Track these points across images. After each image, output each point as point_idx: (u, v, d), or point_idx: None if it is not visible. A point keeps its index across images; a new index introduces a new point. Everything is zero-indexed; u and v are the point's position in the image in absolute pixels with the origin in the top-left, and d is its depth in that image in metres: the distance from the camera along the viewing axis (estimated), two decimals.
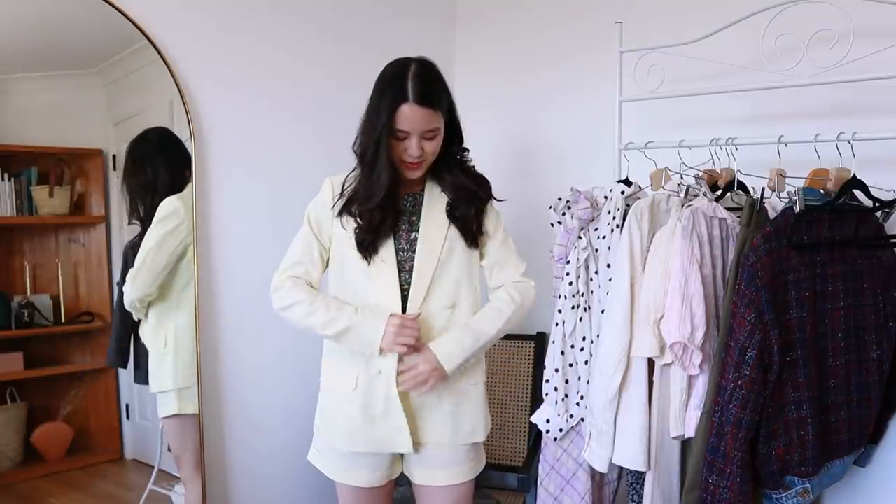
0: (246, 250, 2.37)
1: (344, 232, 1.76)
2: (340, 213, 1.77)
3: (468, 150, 1.85)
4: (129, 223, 2.14)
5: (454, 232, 1.78)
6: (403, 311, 1.75)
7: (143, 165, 2.15)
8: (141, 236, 2.11)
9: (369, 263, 1.75)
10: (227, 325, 2.33)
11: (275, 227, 2.43)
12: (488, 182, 1.85)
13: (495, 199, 1.86)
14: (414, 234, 1.78)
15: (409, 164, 1.72)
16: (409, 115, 1.66)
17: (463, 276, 1.79)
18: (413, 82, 1.65)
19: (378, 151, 1.68)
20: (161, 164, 2.17)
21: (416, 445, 1.77)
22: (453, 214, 1.78)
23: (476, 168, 1.86)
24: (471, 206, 1.79)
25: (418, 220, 1.79)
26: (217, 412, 2.31)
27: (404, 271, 1.76)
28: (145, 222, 2.12)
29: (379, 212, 1.73)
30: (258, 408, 2.41)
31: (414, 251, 1.77)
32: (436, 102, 1.69)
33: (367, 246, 1.74)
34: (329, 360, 1.84)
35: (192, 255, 2.19)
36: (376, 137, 1.68)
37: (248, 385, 2.39)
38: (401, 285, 1.75)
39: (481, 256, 1.84)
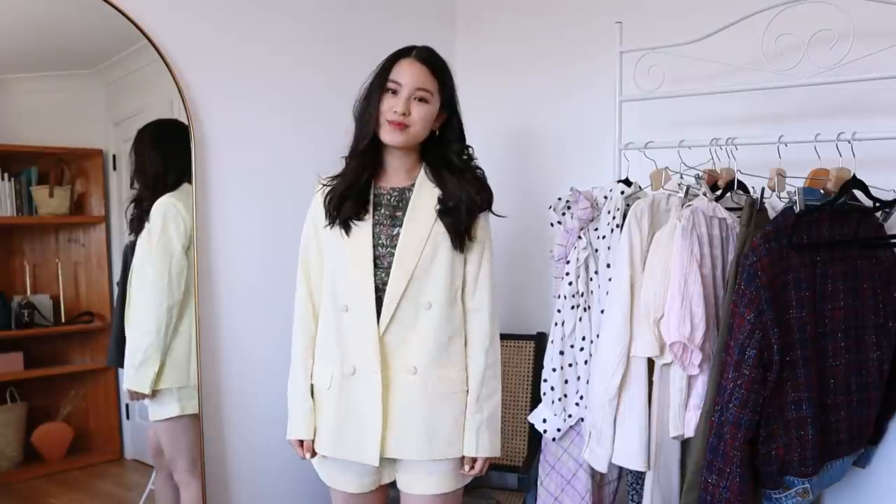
0: (246, 249, 2.37)
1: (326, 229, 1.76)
2: (327, 197, 1.75)
3: (471, 148, 1.80)
4: (132, 187, 2.13)
5: (440, 228, 1.70)
6: (378, 310, 1.68)
7: (166, 147, 2.18)
8: (139, 217, 2.12)
9: (332, 227, 1.72)
10: (227, 325, 2.33)
11: (274, 226, 2.44)
12: (490, 192, 1.77)
13: (493, 213, 1.78)
14: (397, 229, 1.71)
15: (392, 123, 1.67)
16: (406, 68, 1.69)
17: (443, 277, 1.71)
18: (417, 48, 1.73)
19: (369, 102, 1.71)
20: (179, 153, 2.20)
21: (386, 456, 1.71)
22: (444, 211, 1.71)
23: (483, 172, 1.80)
24: (462, 209, 1.71)
25: (404, 215, 1.73)
26: (216, 412, 2.31)
27: (381, 268, 1.70)
28: (149, 199, 2.13)
29: (357, 162, 1.73)
30: (258, 407, 2.41)
31: (394, 247, 1.70)
32: (436, 67, 1.71)
33: (335, 207, 1.71)
34: (316, 357, 1.80)
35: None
36: (369, 89, 1.71)
37: (247, 385, 2.38)
38: (376, 284, 1.69)
39: (465, 262, 1.75)
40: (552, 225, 2.29)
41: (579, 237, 2.14)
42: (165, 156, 2.18)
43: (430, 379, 1.70)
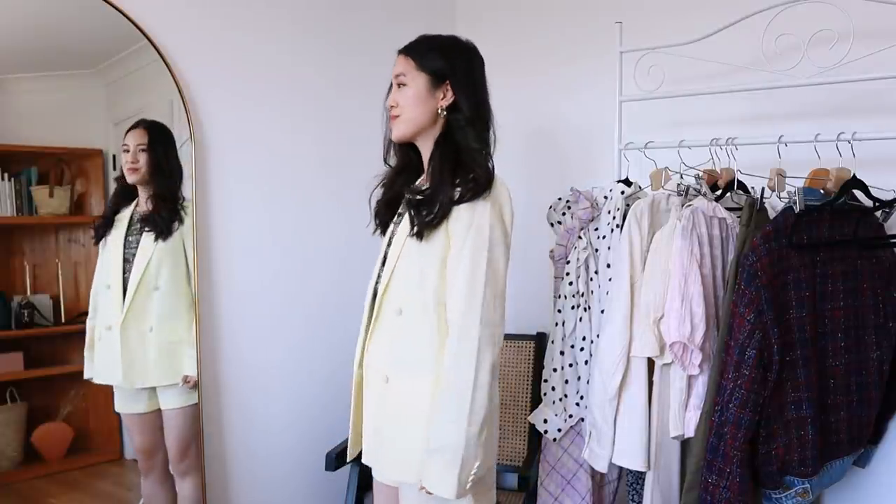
0: (245, 249, 2.37)
1: None
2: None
3: (477, 131, 1.59)
4: (150, 186, 2.13)
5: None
6: (370, 312, 1.67)
7: (175, 154, 2.19)
8: (165, 219, 2.14)
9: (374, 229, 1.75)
10: (227, 325, 2.33)
11: (274, 226, 2.44)
12: (476, 179, 1.52)
13: (485, 196, 1.51)
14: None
15: (389, 120, 1.66)
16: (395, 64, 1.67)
17: (413, 277, 1.56)
18: None
19: (385, 110, 1.71)
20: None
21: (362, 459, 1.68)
22: (409, 202, 1.57)
23: (484, 155, 1.58)
24: (425, 199, 1.54)
25: None
26: (216, 410, 2.32)
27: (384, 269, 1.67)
28: (174, 200, 2.17)
29: (390, 166, 1.71)
30: (257, 407, 2.42)
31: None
32: (412, 51, 1.64)
33: (374, 212, 1.73)
34: None
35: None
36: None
37: (246, 384, 2.39)
38: (375, 286, 1.67)
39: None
40: (552, 225, 2.29)
41: (579, 237, 2.14)
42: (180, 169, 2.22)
43: (401, 391, 1.57)
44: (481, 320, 1.47)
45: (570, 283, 2.13)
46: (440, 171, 1.55)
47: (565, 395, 2.15)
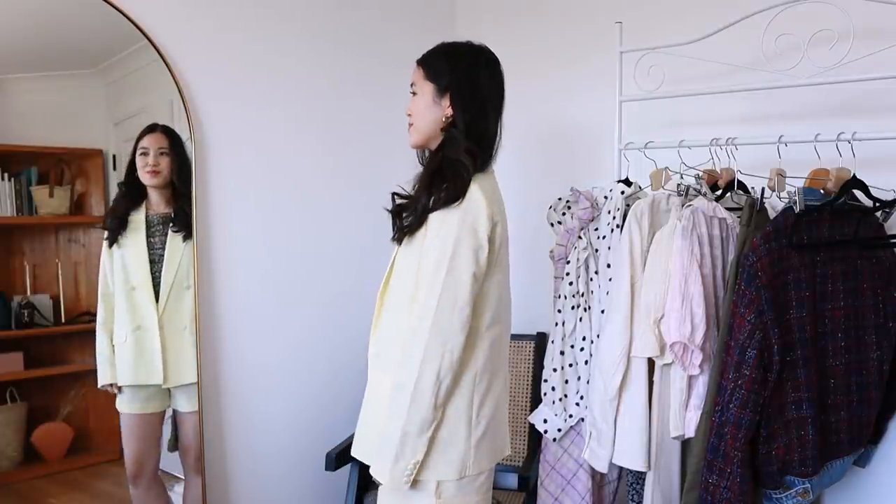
0: (246, 249, 2.37)
1: None
2: None
3: (467, 144, 1.56)
4: (171, 188, 2.15)
5: None
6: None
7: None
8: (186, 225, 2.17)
9: None
10: (227, 325, 2.33)
11: (274, 226, 2.44)
12: (446, 189, 1.52)
13: (455, 206, 1.51)
14: None
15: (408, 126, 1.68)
16: None
17: (397, 280, 1.62)
18: None
19: None
20: None
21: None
22: (390, 209, 1.63)
23: (458, 165, 1.55)
24: (409, 209, 1.58)
25: None
26: (216, 410, 2.32)
27: None
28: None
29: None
30: (257, 407, 2.41)
31: None
32: (424, 60, 1.65)
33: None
34: None
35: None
36: None
37: (246, 384, 2.39)
38: None
39: None
40: (552, 225, 2.29)
41: (579, 237, 2.14)
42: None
43: (376, 385, 1.63)
44: (431, 328, 1.48)
45: (570, 283, 2.13)
46: (421, 180, 1.59)
47: (565, 395, 2.15)
